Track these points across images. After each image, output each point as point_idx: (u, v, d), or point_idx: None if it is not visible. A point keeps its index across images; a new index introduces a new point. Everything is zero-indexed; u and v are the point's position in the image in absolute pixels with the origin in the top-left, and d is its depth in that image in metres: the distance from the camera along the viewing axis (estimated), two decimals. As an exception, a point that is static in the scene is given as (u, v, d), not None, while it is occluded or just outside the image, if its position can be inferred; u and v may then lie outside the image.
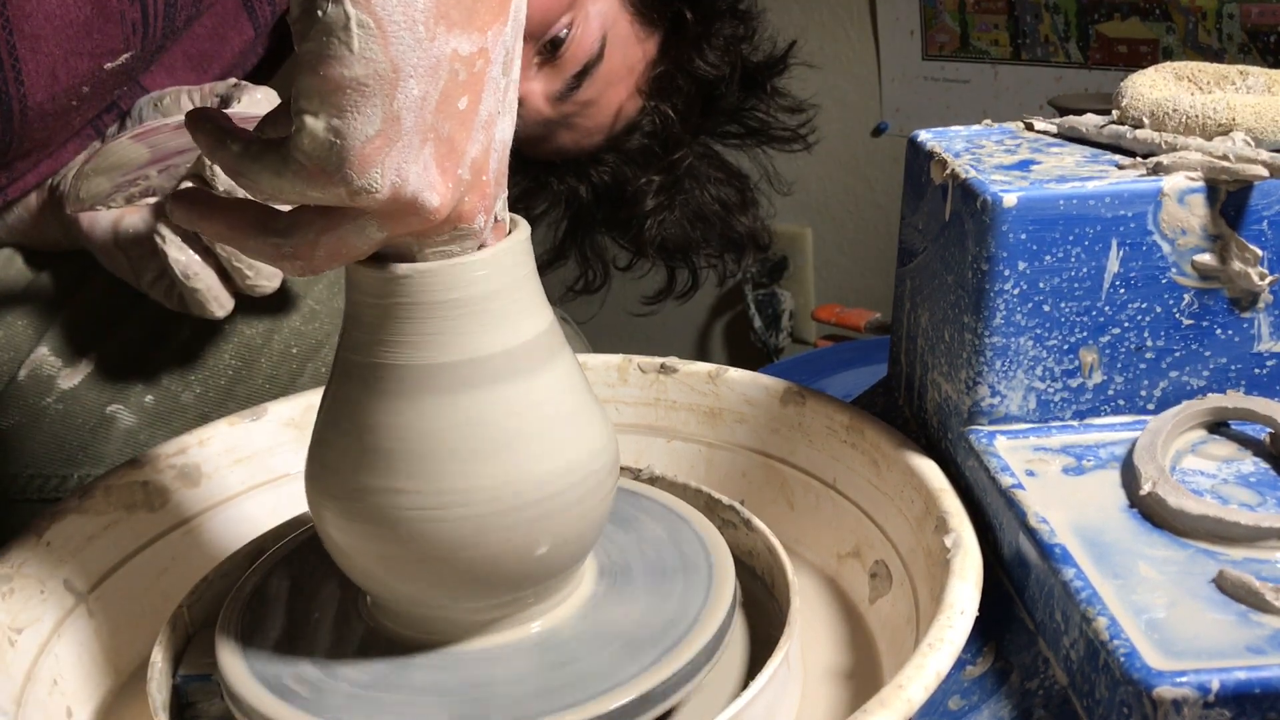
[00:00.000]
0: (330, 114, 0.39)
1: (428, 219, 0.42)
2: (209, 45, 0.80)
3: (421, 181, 0.41)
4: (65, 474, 0.80)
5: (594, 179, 1.02)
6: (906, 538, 0.57)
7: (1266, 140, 0.55)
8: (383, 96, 0.39)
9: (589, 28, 0.92)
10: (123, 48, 0.70)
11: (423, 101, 0.40)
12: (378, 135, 0.40)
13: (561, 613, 0.51)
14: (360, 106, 0.39)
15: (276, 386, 0.83)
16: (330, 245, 0.43)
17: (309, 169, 0.40)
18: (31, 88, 0.68)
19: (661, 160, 1.01)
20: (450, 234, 0.45)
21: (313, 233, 0.43)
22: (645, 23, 0.98)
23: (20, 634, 0.54)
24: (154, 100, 0.77)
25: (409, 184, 0.41)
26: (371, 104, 0.39)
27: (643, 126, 1.00)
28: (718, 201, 1.05)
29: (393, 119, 0.40)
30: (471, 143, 0.43)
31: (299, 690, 0.48)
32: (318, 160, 0.40)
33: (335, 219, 0.42)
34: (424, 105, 0.40)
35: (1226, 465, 0.53)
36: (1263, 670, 0.40)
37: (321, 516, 0.49)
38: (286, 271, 0.45)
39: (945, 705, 0.50)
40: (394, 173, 0.40)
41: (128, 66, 0.72)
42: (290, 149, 0.40)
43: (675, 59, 0.99)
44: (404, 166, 0.41)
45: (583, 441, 0.49)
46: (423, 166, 0.41)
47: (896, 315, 0.67)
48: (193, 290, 0.72)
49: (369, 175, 0.40)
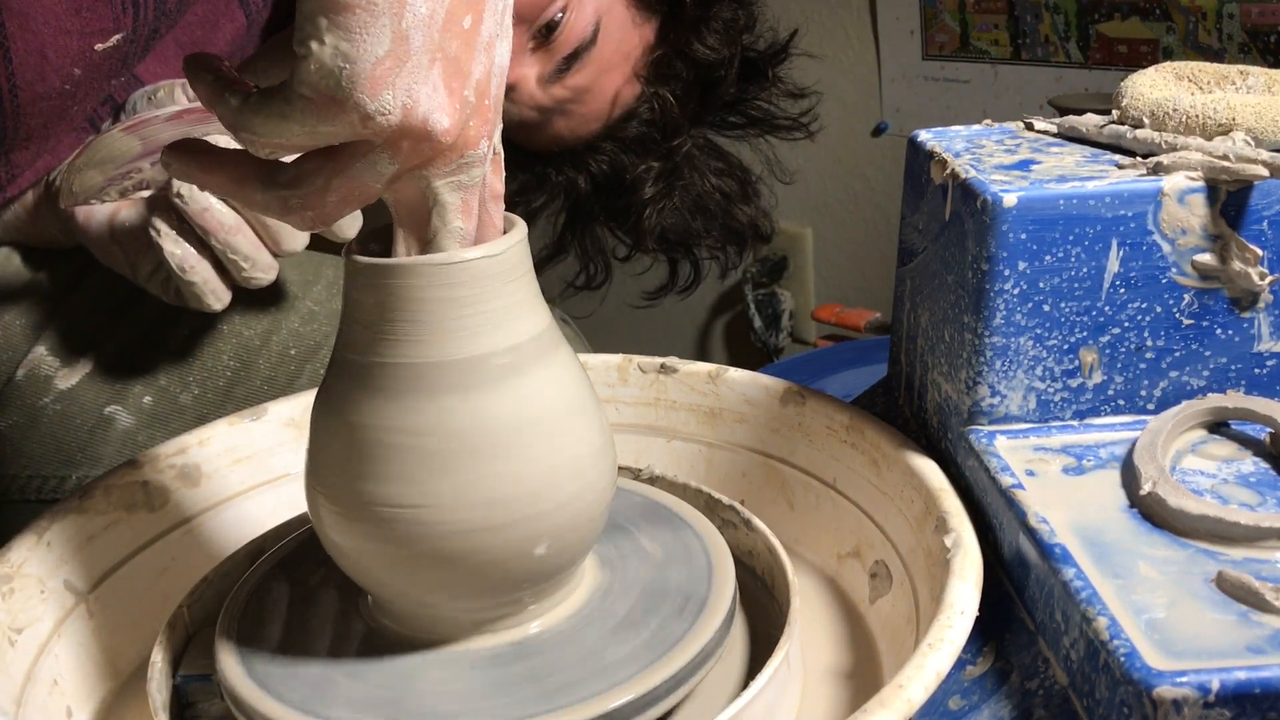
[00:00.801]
0: (338, 36, 0.38)
1: (438, 142, 0.41)
2: (201, 33, 0.80)
3: (431, 102, 0.40)
4: (63, 475, 0.80)
5: (592, 168, 1.01)
6: (906, 538, 0.57)
7: (1266, 140, 0.55)
8: (391, 15, 0.38)
9: (583, 12, 0.92)
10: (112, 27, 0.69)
11: (430, 19, 0.39)
12: (388, 56, 0.38)
13: (560, 613, 0.51)
14: (369, 26, 0.38)
15: (275, 388, 0.83)
16: (342, 188, 0.42)
17: (316, 101, 0.39)
18: (20, 65, 0.67)
19: (660, 147, 1.00)
20: (457, 162, 0.43)
21: (321, 178, 0.42)
22: (642, 8, 0.97)
23: (20, 634, 0.54)
24: (148, 94, 0.77)
25: (420, 105, 0.40)
26: (380, 23, 0.38)
27: (641, 113, 0.99)
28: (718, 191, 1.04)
29: (401, 38, 0.39)
30: (475, 63, 0.41)
31: (299, 690, 0.48)
32: (326, 89, 0.39)
33: (344, 159, 0.41)
34: (431, 23, 0.39)
35: (1226, 465, 0.53)
36: (1263, 670, 0.40)
37: (320, 516, 0.49)
38: (296, 225, 0.44)
39: (945, 705, 0.50)
40: (405, 93, 0.39)
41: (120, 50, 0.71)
42: (294, 84, 0.39)
43: (673, 43, 0.98)
44: (414, 87, 0.39)
45: (581, 441, 0.49)
46: (432, 87, 0.40)
47: (896, 315, 0.67)
48: (189, 283, 0.72)
49: (381, 98, 0.39)
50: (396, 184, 0.43)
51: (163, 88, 0.76)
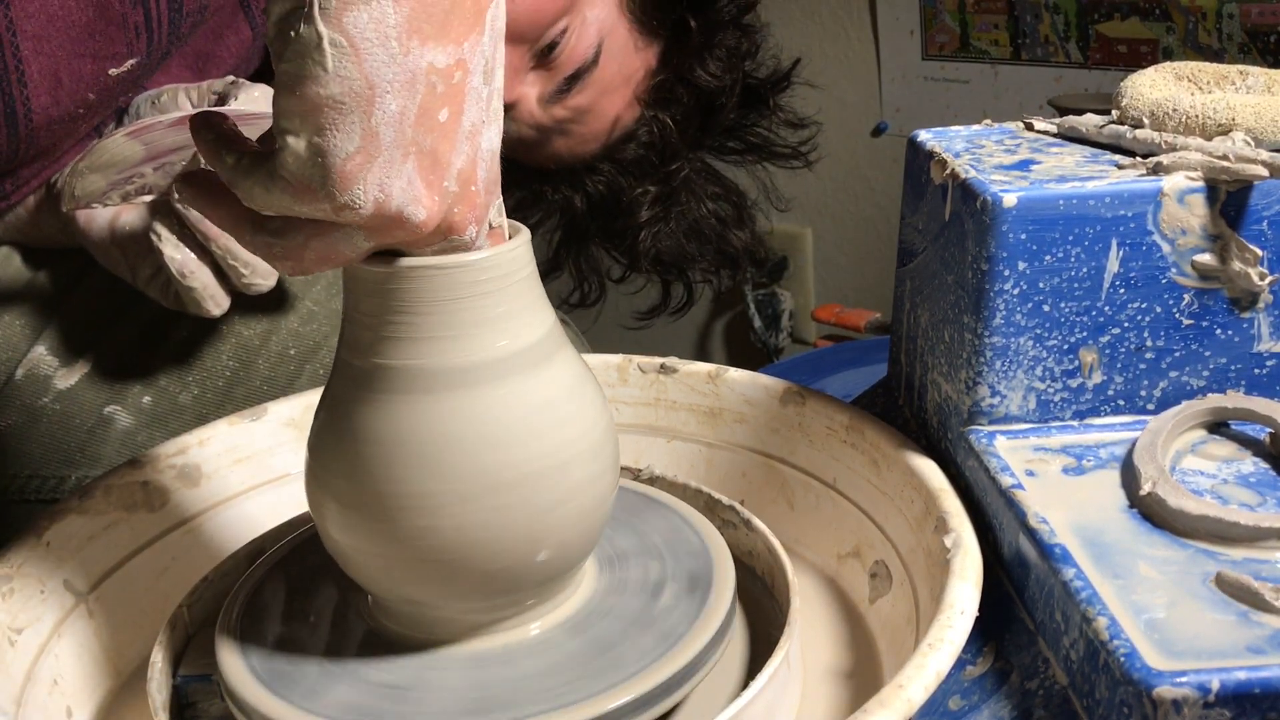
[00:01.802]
0: (310, 133, 0.40)
1: (415, 231, 0.43)
2: (207, 45, 0.80)
3: (406, 196, 0.42)
4: (62, 475, 0.80)
5: (589, 188, 1.01)
6: (906, 538, 0.57)
7: (1266, 140, 0.55)
8: (360, 114, 0.39)
9: (585, 33, 0.92)
10: (126, 53, 0.70)
11: (401, 116, 0.40)
12: (358, 152, 0.40)
13: (561, 614, 0.51)
14: (339, 124, 0.39)
15: (274, 388, 0.83)
16: (319, 251, 0.43)
17: (294, 186, 0.40)
18: (35, 90, 0.68)
19: (658, 171, 1.00)
20: (441, 245, 0.45)
21: (302, 236, 0.43)
22: (645, 31, 0.97)
23: (20, 634, 0.54)
24: (151, 98, 0.77)
25: (393, 199, 0.41)
26: (349, 121, 0.39)
27: (640, 136, 0.99)
28: (714, 216, 1.04)
29: (371, 135, 0.40)
30: (456, 154, 0.43)
31: (299, 690, 0.48)
32: (301, 178, 0.40)
33: (324, 228, 0.43)
34: (403, 120, 0.40)
35: (1226, 465, 0.53)
36: (1263, 670, 0.40)
37: (322, 516, 0.49)
38: (279, 270, 0.46)
39: (945, 705, 0.50)
40: (376, 188, 0.41)
41: (134, 74, 0.72)
42: (275, 167, 0.41)
43: (675, 68, 0.98)
44: (387, 181, 0.41)
45: (583, 443, 0.49)
46: (406, 181, 0.41)
47: (896, 315, 0.67)
48: (189, 289, 0.72)
49: (352, 191, 0.40)
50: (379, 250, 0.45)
51: (166, 92, 0.76)
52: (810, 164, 1.11)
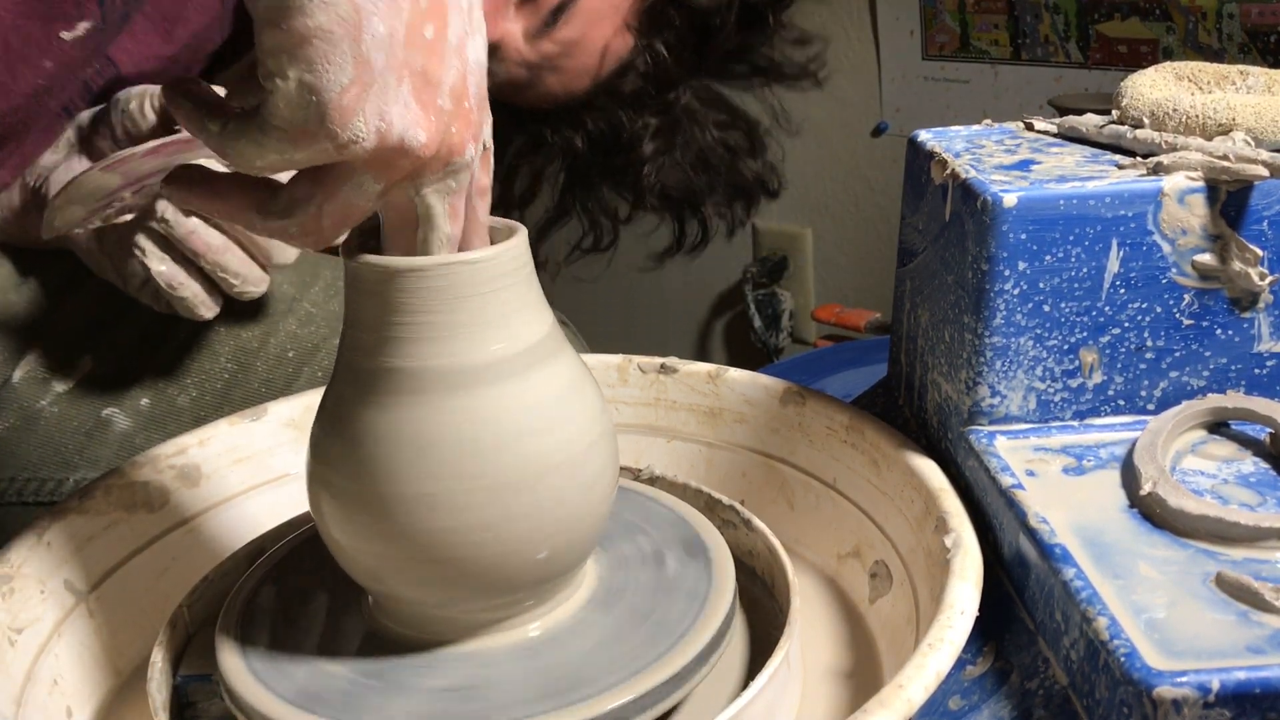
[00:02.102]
0: (300, 69, 0.38)
1: (418, 157, 0.41)
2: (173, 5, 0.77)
3: (405, 120, 0.40)
4: (61, 477, 0.80)
5: (589, 127, 0.98)
6: (906, 538, 0.57)
7: (1266, 140, 0.55)
8: (349, 41, 0.38)
9: None
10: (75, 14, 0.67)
11: (390, 38, 0.39)
12: (352, 83, 0.38)
13: (560, 614, 0.51)
14: (329, 55, 0.38)
15: (273, 390, 0.83)
16: (334, 212, 0.42)
17: (290, 132, 0.39)
18: None
19: (657, 101, 0.96)
20: (444, 170, 0.43)
21: (314, 205, 0.42)
22: None
23: (20, 634, 0.54)
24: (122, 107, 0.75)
25: (394, 126, 0.40)
26: (340, 50, 0.38)
27: (635, 66, 0.95)
28: (722, 145, 1.00)
29: (363, 62, 0.38)
30: (447, 70, 0.41)
31: (299, 690, 0.48)
32: (297, 121, 0.39)
33: (331, 184, 0.41)
34: (392, 41, 0.39)
35: (1226, 465, 0.53)
36: (1263, 670, 0.40)
37: (323, 516, 0.49)
38: (299, 246, 0.44)
39: (945, 705, 0.50)
40: (376, 118, 0.39)
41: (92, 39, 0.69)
42: (266, 116, 0.39)
43: None
44: (385, 109, 0.39)
45: (583, 444, 0.49)
46: (403, 105, 0.40)
47: (896, 315, 0.67)
48: (179, 298, 0.72)
49: (352, 125, 0.39)
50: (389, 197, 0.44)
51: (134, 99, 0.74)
52: (820, 83, 1.06)
